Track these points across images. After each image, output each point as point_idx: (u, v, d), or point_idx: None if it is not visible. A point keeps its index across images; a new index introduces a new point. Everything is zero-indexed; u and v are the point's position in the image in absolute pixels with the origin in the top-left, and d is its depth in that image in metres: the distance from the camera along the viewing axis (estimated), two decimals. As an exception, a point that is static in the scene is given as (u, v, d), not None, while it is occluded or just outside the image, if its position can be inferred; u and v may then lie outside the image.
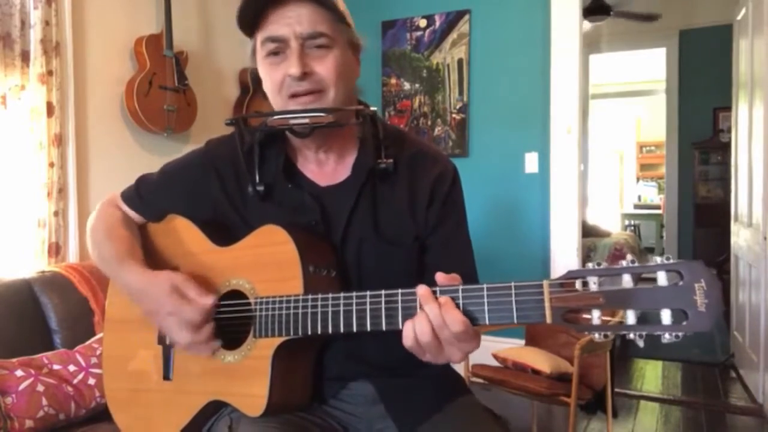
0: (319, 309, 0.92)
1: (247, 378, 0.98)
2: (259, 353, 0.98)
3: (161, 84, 2.72)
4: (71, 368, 1.77)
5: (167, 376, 1.09)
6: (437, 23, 3.49)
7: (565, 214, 3.17)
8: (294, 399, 1.01)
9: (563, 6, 3.15)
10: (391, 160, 1.06)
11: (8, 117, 2.19)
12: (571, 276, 0.77)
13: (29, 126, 2.23)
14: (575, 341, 2.07)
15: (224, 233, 1.09)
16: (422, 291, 0.84)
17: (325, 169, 1.10)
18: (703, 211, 5.99)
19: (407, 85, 3.60)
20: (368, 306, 0.89)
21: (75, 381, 1.75)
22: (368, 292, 0.89)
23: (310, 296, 0.94)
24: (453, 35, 3.45)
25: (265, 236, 1.01)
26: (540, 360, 2.23)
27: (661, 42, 6.13)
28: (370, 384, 1.06)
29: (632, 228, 8.38)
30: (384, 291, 0.88)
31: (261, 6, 0.99)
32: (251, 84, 3.29)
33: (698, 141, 6.01)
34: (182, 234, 1.13)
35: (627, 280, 0.75)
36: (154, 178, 1.19)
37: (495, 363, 2.34)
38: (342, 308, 0.91)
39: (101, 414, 1.70)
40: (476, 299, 0.83)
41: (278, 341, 0.96)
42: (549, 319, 0.77)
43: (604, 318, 0.75)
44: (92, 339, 1.92)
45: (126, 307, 1.11)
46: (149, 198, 1.18)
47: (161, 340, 1.10)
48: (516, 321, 0.80)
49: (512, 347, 2.45)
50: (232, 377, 1.00)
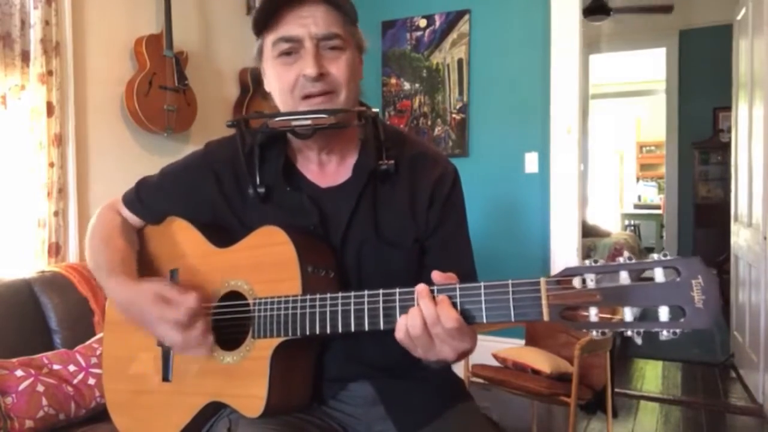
0: (318, 309, 0.92)
1: (246, 379, 0.98)
2: (258, 354, 0.98)
3: (161, 84, 2.72)
4: (71, 368, 1.77)
5: (166, 378, 1.09)
6: (437, 23, 3.49)
7: (565, 214, 3.17)
8: (293, 400, 1.01)
9: (563, 6, 3.15)
10: (392, 162, 1.06)
11: (8, 117, 2.19)
12: (569, 273, 0.77)
13: (29, 126, 2.23)
14: (575, 341, 2.07)
15: (224, 235, 1.09)
16: (420, 288, 0.85)
17: (326, 171, 1.10)
18: (703, 211, 5.98)
19: (407, 85, 3.60)
20: (366, 305, 0.89)
21: (75, 381, 1.75)
22: (366, 292, 0.89)
23: (309, 296, 0.93)
24: (453, 35, 3.45)
25: (264, 237, 1.01)
26: (540, 360, 2.23)
27: (661, 42, 6.13)
28: (370, 385, 1.06)
29: (632, 228, 8.37)
30: (381, 290, 0.88)
31: (275, 6, 0.99)
32: (251, 84, 3.29)
33: (698, 141, 6.01)
34: (182, 236, 1.13)
35: (624, 277, 0.75)
36: (154, 181, 1.19)
37: (495, 363, 2.34)
38: (340, 308, 0.91)
39: (101, 414, 1.70)
40: (473, 297, 0.83)
41: (277, 342, 0.96)
42: (546, 317, 0.77)
43: (602, 315, 0.75)
44: (92, 339, 1.92)
45: (124, 316, 1.11)
46: (149, 201, 1.18)
47: (160, 342, 1.10)
48: (513, 319, 0.80)
49: (512, 347, 2.45)
50: (231, 378, 1.00)
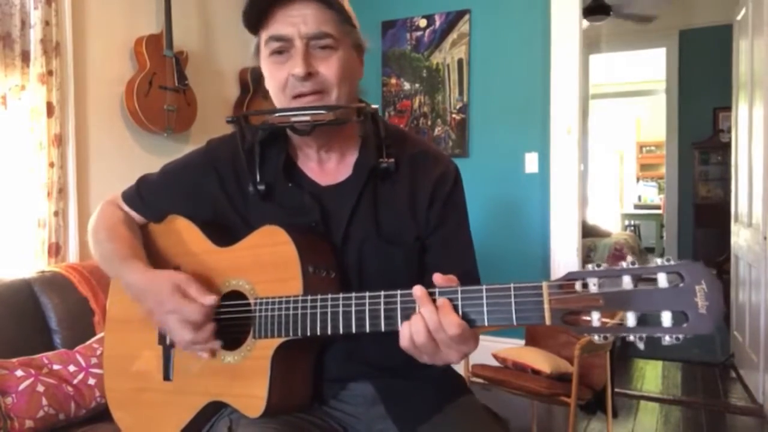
0: (319, 310, 0.92)
1: (247, 378, 0.98)
2: (259, 354, 0.98)
3: (161, 84, 2.72)
4: (71, 368, 1.77)
5: (167, 377, 1.09)
6: (437, 23, 3.49)
7: (565, 214, 3.17)
8: (294, 400, 1.01)
9: (563, 6, 3.15)
10: (393, 160, 1.06)
11: (8, 117, 2.19)
12: (571, 277, 0.77)
13: (29, 126, 2.23)
14: (575, 341, 2.06)
15: (225, 234, 1.09)
16: (418, 293, 0.84)
17: (327, 169, 1.10)
18: (703, 211, 5.98)
19: (407, 85, 3.59)
20: (367, 307, 0.89)
21: (75, 381, 1.75)
22: (367, 293, 0.89)
23: (310, 297, 0.93)
24: (453, 35, 3.45)
25: (265, 236, 1.01)
26: (540, 360, 2.23)
27: (661, 42, 6.13)
28: (370, 385, 1.06)
29: (632, 228, 8.37)
30: (383, 292, 0.88)
31: (266, 5, 0.99)
32: (251, 84, 3.29)
33: (698, 141, 6.01)
34: (182, 234, 1.13)
35: (627, 282, 0.75)
36: (155, 179, 1.19)
37: (495, 363, 2.34)
38: (341, 309, 0.91)
39: (101, 414, 1.70)
40: (475, 300, 0.82)
41: (278, 342, 0.96)
42: (548, 321, 0.77)
43: (604, 320, 0.75)
44: (92, 339, 1.92)
45: (127, 307, 1.11)
46: (150, 198, 1.18)
47: (162, 341, 1.10)
48: (515, 322, 0.80)
49: (512, 347, 2.45)
50: (232, 378, 1.00)
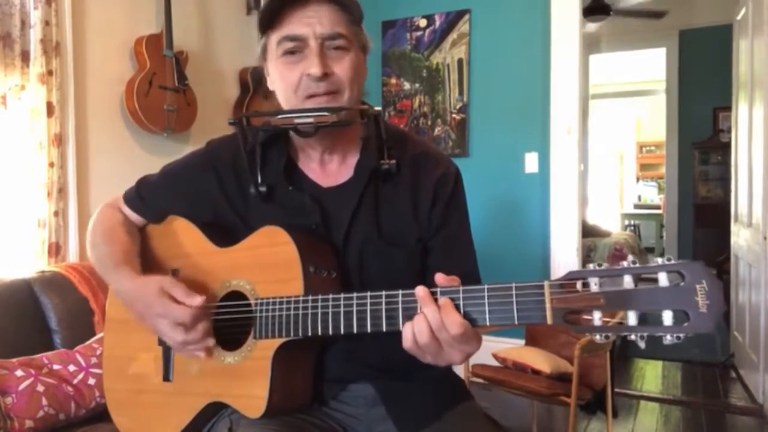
0: (320, 310, 0.92)
1: (247, 379, 0.98)
2: (260, 354, 0.98)
3: (161, 84, 2.72)
4: (71, 368, 1.77)
5: (167, 378, 1.09)
6: (437, 23, 3.49)
7: (565, 214, 3.17)
8: (294, 400, 1.01)
9: (563, 6, 3.15)
10: (394, 161, 1.06)
11: (8, 117, 2.18)
12: (572, 277, 0.77)
13: (29, 126, 2.22)
14: (575, 341, 2.07)
15: (225, 234, 1.09)
16: (421, 293, 0.84)
17: (328, 170, 1.10)
18: (703, 211, 5.98)
19: (407, 85, 3.59)
20: (368, 307, 0.89)
21: (75, 381, 1.75)
22: (368, 293, 0.89)
23: (311, 297, 0.93)
24: (453, 35, 3.45)
25: (266, 237, 1.01)
26: (540, 360, 2.23)
27: (661, 42, 6.13)
28: (371, 386, 1.06)
29: (632, 228, 8.37)
30: (384, 292, 0.88)
31: (281, 4, 0.99)
32: (251, 84, 3.29)
33: (698, 141, 6.01)
34: (183, 235, 1.13)
35: (628, 281, 0.75)
36: (155, 179, 1.19)
37: (495, 363, 2.34)
38: (342, 309, 0.91)
39: (101, 414, 1.69)
40: (477, 300, 0.82)
41: (278, 342, 0.96)
42: (550, 320, 0.77)
43: (605, 319, 0.75)
44: (92, 339, 1.92)
45: (126, 308, 1.11)
46: (150, 199, 1.18)
47: (161, 341, 1.09)
48: (517, 322, 0.80)
49: (512, 347, 2.45)
50: (233, 378, 1.00)
